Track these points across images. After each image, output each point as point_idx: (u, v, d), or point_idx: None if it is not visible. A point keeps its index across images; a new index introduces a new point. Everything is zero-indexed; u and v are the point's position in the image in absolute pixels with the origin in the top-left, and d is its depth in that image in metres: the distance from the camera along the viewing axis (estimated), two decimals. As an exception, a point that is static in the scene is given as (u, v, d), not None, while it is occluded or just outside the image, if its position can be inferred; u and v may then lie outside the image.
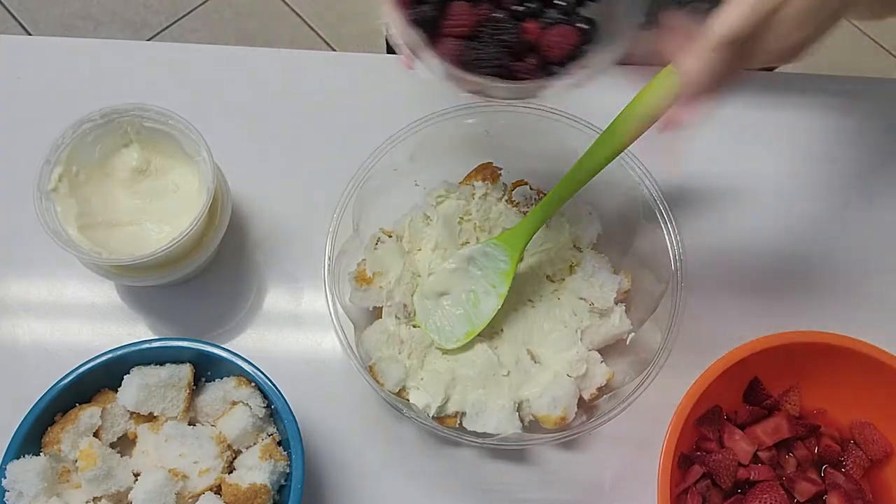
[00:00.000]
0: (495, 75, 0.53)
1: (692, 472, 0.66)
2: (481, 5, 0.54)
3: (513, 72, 0.54)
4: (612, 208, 0.74)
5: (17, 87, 0.84)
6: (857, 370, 0.67)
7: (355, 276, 0.70)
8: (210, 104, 0.81)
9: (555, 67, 0.55)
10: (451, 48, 0.53)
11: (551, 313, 0.72)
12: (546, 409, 0.66)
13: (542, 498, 0.69)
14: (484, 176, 0.75)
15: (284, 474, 0.63)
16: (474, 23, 0.53)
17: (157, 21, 1.95)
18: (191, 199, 0.71)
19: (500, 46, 0.53)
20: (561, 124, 0.72)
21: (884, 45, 2.06)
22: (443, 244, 0.73)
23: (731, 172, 0.83)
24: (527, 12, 0.55)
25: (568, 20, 0.55)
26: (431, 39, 0.54)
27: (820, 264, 0.79)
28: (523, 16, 0.55)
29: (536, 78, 0.55)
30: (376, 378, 0.66)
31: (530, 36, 0.54)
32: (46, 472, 0.60)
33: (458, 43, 0.53)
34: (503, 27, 0.53)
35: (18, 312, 0.74)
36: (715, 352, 0.65)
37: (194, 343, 0.64)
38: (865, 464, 0.68)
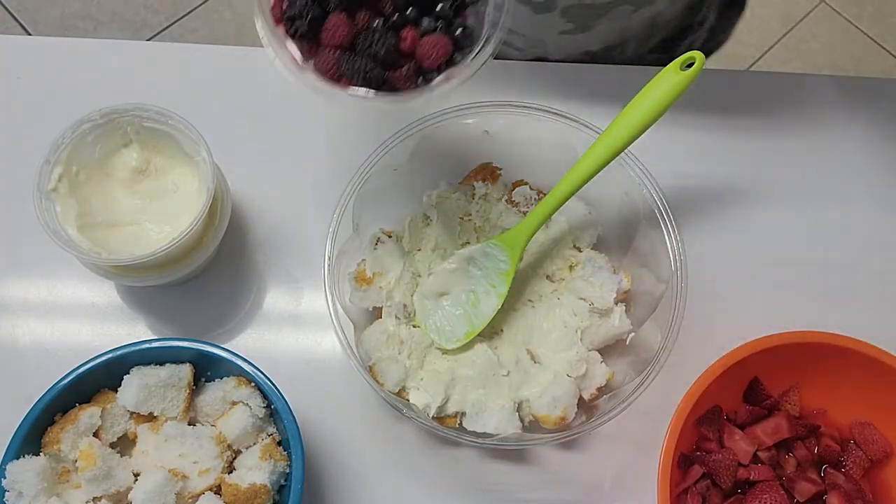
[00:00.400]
0: (367, 86, 0.55)
1: (692, 472, 0.66)
2: (360, 15, 0.56)
3: (388, 80, 0.56)
4: (612, 208, 0.74)
5: (17, 87, 0.84)
6: (857, 370, 0.67)
7: (355, 277, 0.70)
8: (210, 104, 0.81)
9: (429, 74, 0.58)
10: (329, 60, 0.55)
11: (551, 313, 0.72)
12: (546, 409, 0.66)
13: (542, 498, 0.69)
14: (484, 176, 0.75)
15: (284, 474, 0.63)
16: (351, 34, 0.55)
17: (157, 21, 1.95)
18: (191, 199, 0.71)
19: (373, 57, 0.55)
20: (561, 124, 0.72)
21: (884, 46, 2.06)
22: (443, 244, 0.73)
23: (730, 172, 0.83)
24: (404, 21, 0.56)
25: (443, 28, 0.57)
26: (312, 50, 0.56)
27: (820, 264, 0.79)
28: (400, 25, 0.57)
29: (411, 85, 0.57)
30: (376, 378, 0.66)
31: (406, 44, 0.56)
32: (46, 472, 0.60)
33: (336, 54, 0.55)
34: (378, 38, 0.55)
35: (18, 312, 0.74)
36: (715, 352, 0.65)
37: (194, 343, 0.64)
38: (865, 464, 0.68)
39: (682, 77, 0.62)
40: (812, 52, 2.04)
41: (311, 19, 0.55)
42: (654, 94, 0.63)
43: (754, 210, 0.81)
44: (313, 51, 0.56)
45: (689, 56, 0.62)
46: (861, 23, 2.08)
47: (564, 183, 0.66)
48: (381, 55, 0.55)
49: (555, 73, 0.86)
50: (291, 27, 0.55)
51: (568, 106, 0.72)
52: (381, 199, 0.72)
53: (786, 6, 2.09)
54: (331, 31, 0.55)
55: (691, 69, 0.62)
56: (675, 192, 0.71)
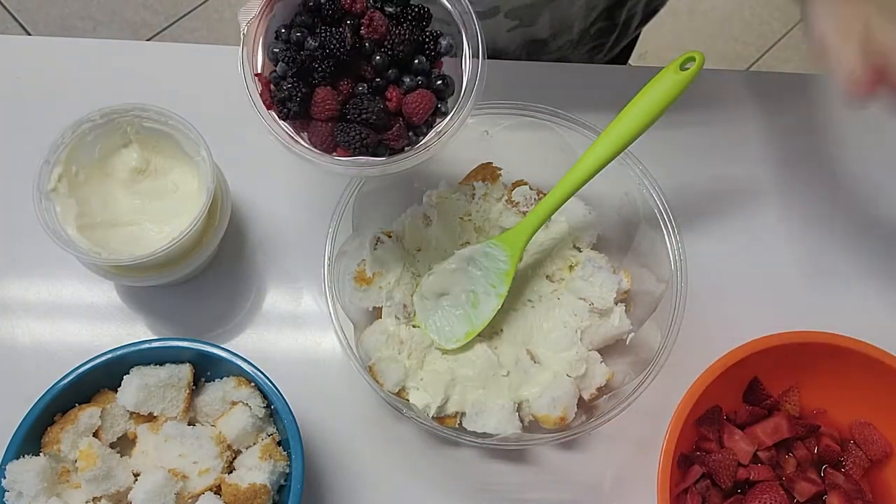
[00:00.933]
0: (364, 152, 0.57)
1: (692, 472, 0.66)
2: (342, 84, 0.58)
3: (383, 141, 0.59)
4: (612, 208, 0.74)
5: (17, 87, 0.83)
6: (857, 370, 0.67)
7: (355, 277, 0.70)
8: (210, 104, 0.81)
9: (419, 128, 0.60)
10: (324, 132, 0.58)
11: (551, 313, 0.71)
12: (546, 409, 0.66)
13: (541, 498, 0.69)
14: (484, 176, 0.75)
15: (284, 474, 0.63)
16: (339, 105, 0.57)
17: (157, 21, 1.95)
18: (190, 199, 0.71)
19: (365, 124, 0.57)
20: (561, 124, 0.72)
21: (884, 45, 2.06)
22: (443, 244, 0.73)
23: (731, 172, 0.83)
24: (385, 82, 0.59)
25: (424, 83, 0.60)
26: (304, 124, 0.58)
27: (820, 264, 0.79)
28: (383, 87, 0.59)
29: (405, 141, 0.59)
30: (376, 378, 0.66)
31: (392, 104, 0.58)
32: (46, 472, 0.60)
33: (329, 126, 0.57)
34: (367, 104, 0.57)
35: (18, 312, 0.74)
36: (715, 352, 0.65)
37: (194, 343, 0.64)
38: (865, 464, 0.68)
39: (681, 77, 0.62)
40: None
41: (300, 99, 0.57)
42: (654, 94, 0.63)
43: (754, 210, 0.81)
44: (305, 125, 0.59)
45: (688, 56, 0.62)
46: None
47: (564, 183, 0.66)
48: (374, 120, 0.57)
49: (554, 73, 0.86)
50: (283, 109, 0.57)
51: (568, 106, 0.72)
52: (381, 199, 0.72)
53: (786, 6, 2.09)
54: (320, 105, 0.57)
55: (691, 69, 0.62)
56: (675, 192, 0.71)
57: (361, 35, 0.58)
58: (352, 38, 0.57)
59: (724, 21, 2.06)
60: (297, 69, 0.57)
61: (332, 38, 0.56)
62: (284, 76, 0.57)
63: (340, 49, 0.56)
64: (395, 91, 0.58)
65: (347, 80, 0.58)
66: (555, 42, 0.92)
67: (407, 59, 0.59)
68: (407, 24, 0.59)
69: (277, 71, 0.58)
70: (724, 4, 2.07)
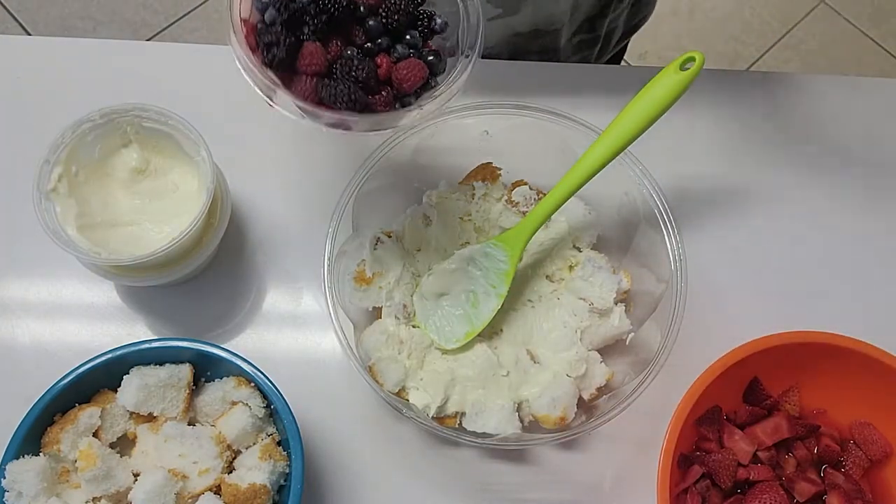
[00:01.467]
0: (352, 109, 0.56)
1: (692, 472, 0.66)
2: (332, 44, 0.57)
3: (369, 105, 0.57)
4: (612, 208, 0.74)
5: (17, 87, 0.84)
6: (857, 370, 0.67)
7: (355, 277, 0.70)
8: (210, 104, 0.81)
9: (407, 99, 0.59)
10: (308, 86, 0.56)
11: (551, 313, 0.71)
12: (545, 409, 0.66)
13: (541, 498, 0.69)
14: (484, 176, 0.75)
15: (284, 474, 0.63)
16: (327, 62, 0.56)
17: (156, 21, 1.95)
18: (190, 200, 0.71)
19: (353, 82, 0.56)
20: (561, 124, 0.72)
21: (884, 46, 2.06)
22: (443, 244, 0.73)
23: (730, 172, 0.83)
24: (377, 49, 0.58)
25: (416, 54, 0.59)
26: (288, 78, 0.57)
27: (820, 264, 0.79)
28: (374, 52, 0.58)
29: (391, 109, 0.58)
30: (376, 378, 0.66)
31: (382, 70, 0.57)
32: (46, 472, 0.60)
33: (314, 81, 0.56)
34: (357, 63, 0.56)
35: (18, 312, 0.74)
36: (715, 352, 0.65)
37: (194, 343, 0.64)
38: (865, 464, 0.68)
39: (681, 77, 0.62)
40: (812, 52, 2.04)
41: (287, 47, 0.55)
42: (654, 94, 0.63)
43: (754, 210, 0.81)
44: (289, 79, 0.57)
45: (688, 56, 0.62)
46: (861, 23, 2.08)
47: (564, 183, 0.66)
48: (363, 78, 0.56)
49: (555, 73, 0.86)
50: (268, 55, 0.55)
51: (568, 106, 0.72)
52: (381, 199, 0.72)
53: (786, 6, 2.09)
54: (307, 58, 0.55)
55: (691, 69, 0.62)
56: (675, 192, 0.71)
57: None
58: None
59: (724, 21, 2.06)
60: (288, 18, 0.55)
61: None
62: (273, 23, 0.56)
63: (335, 6, 0.55)
64: (385, 59, 0.57)
65: (337, 41, 0.57)
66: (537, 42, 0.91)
67: (400, 31, 0.58)
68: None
69: (266, 18, 0.56)
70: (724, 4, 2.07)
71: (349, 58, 0.56)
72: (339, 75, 0.56)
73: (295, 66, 0.56)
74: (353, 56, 0.57)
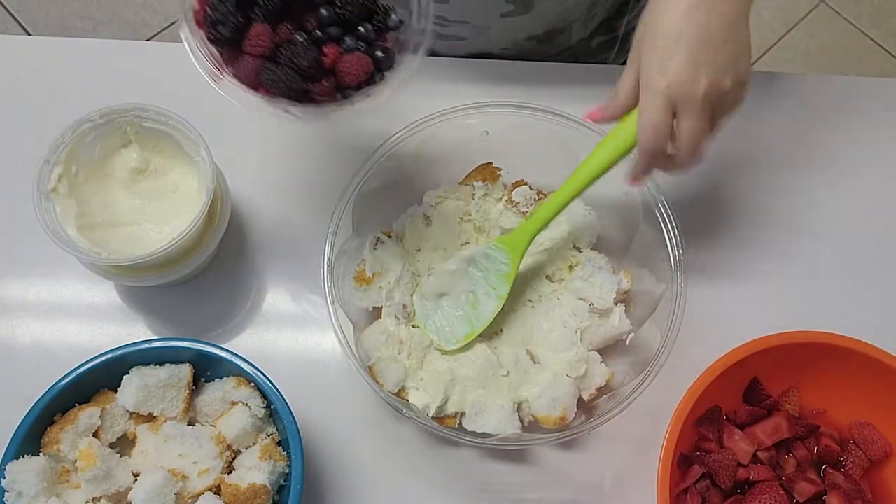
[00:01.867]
0: (288, 97, 0.56)
1: (692, 472, 0.66)
2: (282, 28, 0.56)
3: (308, 93, 0.57)
4: (611, 208, 0.74)
5: (17, 87, 0.84)
6: (857, 370, 0.67)
7: (355, 277, 0.70)
8: (210, 104, 0.81)
9: (349, 91, 0.58)
10: (250, 68, 0.56)
11: (551, 314, 0.71)
12: (545, 409, 0.66)
13: (541, 498, 0.69)
14: (484, 176, 0.75)
15: (284, 474, 0.62)
16: (273, 44, 0.56)
17: (156, 21, 1.95)
18: (190, 200, 0.71)
19: (296, 69, 0.55)
20: (560, 124, 0.72)
21: (884, 46, 2.06)
22: (443, 244, 0.73)
23: (730, 172, 0.83)
24: (326, 38, 0.57)
25: (364, 48, 0.58)
26: (233, 57, 0.56)
27: (820, 264, 0.79)
28: (323, 41, 0.57)
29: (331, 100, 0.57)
30: (376, 378, 0.66)
31: (328, 60, 0.57)
32: (46, 473, 0.60)
33: (257, 63, 0.56)
34: (301, 51, 0.55)
35: (18, 312, 0.74)
36: (715, 352, 0.65)
37: (194, 343, 0.64)
38: (865, 464, 0.68)
39: None
40: (812, 52, 2.04)
41: (234, 26, 0.55)
42: None
43: (754, 210, 0.81)
44: (233, 58, 0.57)
45: None
46: (861, 23, 2.08)
47: (567, 186, 0.66)
48: (304, 67, 0.55)
49: (555, 74, 0.86)
50: (214, 31, 0.55)
51: (568, 106, 0.72)
52: (381, 199, 0.72)
53: (786, 6, 2.09)
54: (253, 39, 0.55)
55: None
56: (675, 192, 0.71)
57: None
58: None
59: (724, 21, 2.05)
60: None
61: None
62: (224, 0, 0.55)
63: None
64: (333, 48, 0.57)
65: (288, 25, 0.57)
66: (552, 45, 0.91)
67: (353, 23, 0.58)
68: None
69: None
70: (724, 4, 2.07)
71: (295, 43, 0.56)
72: (282, 60, 0.56)
73: (241, 45, 0.56)
74: (299, 42, 0.56)
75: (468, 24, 0.84)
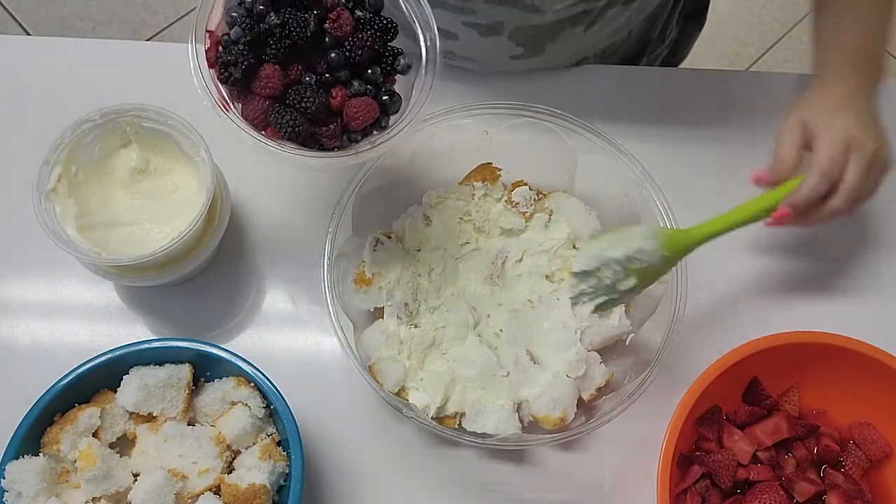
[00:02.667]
0: (295, 140, 0.57)
1: (691, 472, 0.66)
2: (292, 68, 0.57)
3: (315, 135, 0.58)
4: (612, 208, 0.74)
5: (17, 87, 0.84)
6: (857, 370, 0.67)
7: (355, 279, 0.70)
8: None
9: (354, 135, 0.60)
10: (259, 108, 0.57)
11: (551, 314, 0.71)
12: (545, 409, 0.66)
13: (541, 498, 0.69)
14: (484, 176, 0.75)
15: (284, 474, 0.62)
16: (283, 86, 0.57)
17: (156, 21, 1.95)
18: (190, 200, 0.71)
19: (303, 112, 0.57)
20: (560, 125, 0.72)
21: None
22: (442, 245, 0.73)
23: (730, 172, 0.82)
24: (334, 81, 0.58)
25: (372, 92, 0.59)
26: (242, 95, 0.57)
27: (820, 265, 0.79)
28: (331, 84, 0.58)
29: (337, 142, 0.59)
30: (376, 378, 0.66)
31: (335, 102, 0.58)
32: (46, 473, 0.60)
33: (266, 104, 0.57)
34: (310, 94, 0.56)
35: (17, 312, 0.74)
36: (715, 352, 0.65)
37: (193, 343, 0.64)
38: (865, 464, 0.68)
39: None
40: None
41: (245, 68, 0.56)
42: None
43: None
44: (242, 96, 0.58)
45: None
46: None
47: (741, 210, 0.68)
48: (312, 111, 0.56)
49: (555, 75, 0.86)
50: (225, 72, 0.56)
51: (567, 106, 0.72)
52: (381, 199, 0.72)
53: (786, 6, 2.09)
54: (263, 80, 0.56)
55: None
56: (675, 193, 0.71)
57: (325, 28, 0.57)
58: (315, 28, 0.56)
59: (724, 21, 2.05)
60: (252, 39, 0.56)
61: (296, 20, 0.55)
62: (237, 41, 0.56)
63: (301, 34, 0.55)
64: (341, 91, 0.58)
65: (298, 66, 0.57)
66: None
67: (362, 66, 0.59)
68: (372, 32, 0.58)
69: (231, 35, 0.57)
70: (724, 4, 2.07)
71: (305, 85, 0.57)
72: (290, 102, 0.57)
73: (251, 85, 0.57)
74: (308, 84, 0.57)
75: (476, 61, 0.83)
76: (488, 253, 0.74)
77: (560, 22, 0.78)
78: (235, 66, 0.56)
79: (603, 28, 0.82)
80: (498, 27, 0.78)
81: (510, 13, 0.76)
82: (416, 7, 0.60)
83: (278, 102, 0.57)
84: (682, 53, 1.02)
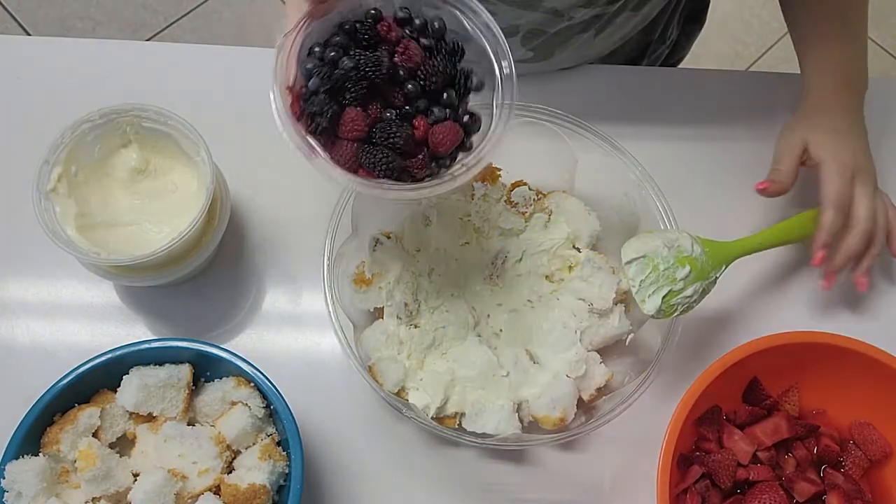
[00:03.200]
0: (388, 176, 0.57)
1: (691, 472, 0.66)
2: (372, 108, 0.58)
3: (406, 168, 0.58)
4: (611, 208, 0.74)
5: (17, 87, 0.84)
6: (857, 370, 0.67)
7: (354, 280, 0.70)
8: (210, 104, 0.81)
9: (443, 160, 0.60)
10: (349, 152, 0.57)
11: (550, 314, 0.71)
12: (545, 409, 0.66)
13: (541, 498, 0.69)
14: (484, 176, 0.75)
15: (284, 475, 0.62)
16: (368, 126, 0.57)
17: (156, 21, 1.95)
18: (190, 200, 0.71)
19: (391, 148, 0.57)
20: (560, 125, 0.72)
21: (884, 46, 2.06)
22: (442, 244, 0.73)
23: (730, 172, 0.83)
24: (414, 111, 0.59)
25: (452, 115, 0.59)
26: (330, 142, 0.58)
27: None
28: (412, 115, 0.59)
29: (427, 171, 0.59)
30: (376, 378, 0.66)
31: (419, 133, 0.58)
32: (45, 473, 0.60)
33: (354, 147, 0.57)
34: (395, 129, 0.57)
35: (17, 312, 0.74)
36: (715, 352, 0.65)
37: (193, 343, 0.64)
38: (865, 464, 0.68)
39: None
40: (812, 52, 2.04)
41: (331, 116, 0.56)
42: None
43: (754, 209, 0.81)
44: (330, 143, 0.58)
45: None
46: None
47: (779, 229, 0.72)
48: (400, 145, 0.57)
49: (555, 75, 0.86)
50: (312, 124, 0.57)
51: (567, 106, 0.72)
52: (381, 199, 0.72)
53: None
54: (348, 124, 0.57)
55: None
56: (675, 193, 0.71)
57: (395, 62, 0.58)
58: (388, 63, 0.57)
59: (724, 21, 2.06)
60: (331, 86, 0.56)
61: (369, 60, 0.56)
62: (316, 92, 0.57)
63: (376, 72, 0.56)
64: (422, 121, 0.58)
65: (376, 104, 0.58)
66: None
67: (438, 91, 0.59)
68: (441, 56, 0.58)
69: (309, 86, 0.57)
70: (724, 4, 2.07)
71: (388, 121, 0.57)
72: (377, 140, 0.57)
73: (336, 131, 0.57)
74: (391, 120, 0.58)
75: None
76: (488, 253, 0.74)
77: (571, 27, 0.79)
78: (321, 115, 0.56)
79: (612, 34, 0.83)
80: (513, 30, 0.79)
81: (530, 17, 0.76)
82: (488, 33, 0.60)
83: (365, 143, 0.58)
84: (681, 53, 1.03)
